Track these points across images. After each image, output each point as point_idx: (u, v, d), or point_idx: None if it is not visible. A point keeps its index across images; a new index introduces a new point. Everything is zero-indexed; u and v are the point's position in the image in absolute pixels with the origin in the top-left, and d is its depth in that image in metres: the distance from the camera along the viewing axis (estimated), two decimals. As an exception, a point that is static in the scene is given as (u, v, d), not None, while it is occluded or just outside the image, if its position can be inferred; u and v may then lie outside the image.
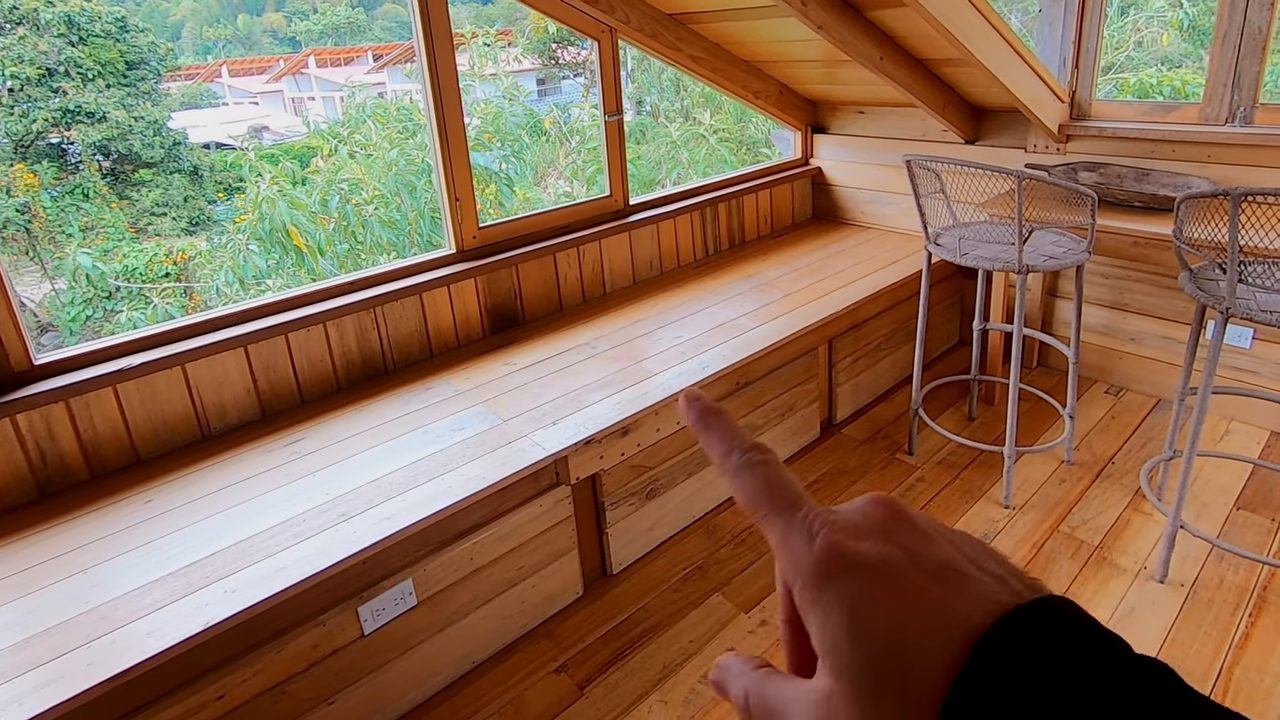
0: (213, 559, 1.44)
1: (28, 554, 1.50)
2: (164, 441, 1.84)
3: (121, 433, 1.78)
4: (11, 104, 9.50)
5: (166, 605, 1.33)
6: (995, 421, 2.52)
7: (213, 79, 18.97)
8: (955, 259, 2.05)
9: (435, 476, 1.65)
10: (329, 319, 2.05)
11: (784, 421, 2.34)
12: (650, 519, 1.99)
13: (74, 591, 1.38)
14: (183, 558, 1.45)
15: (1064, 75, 2.62)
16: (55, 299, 7.52)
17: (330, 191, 4.71)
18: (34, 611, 1.34)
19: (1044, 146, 2.67)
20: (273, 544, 1.47)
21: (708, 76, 3.02)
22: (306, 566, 1.40)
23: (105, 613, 1.33)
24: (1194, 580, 1.81)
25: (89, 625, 1.30)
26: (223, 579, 1.39)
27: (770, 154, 6.25)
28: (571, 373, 2.08)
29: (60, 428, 1.71)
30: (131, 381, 1.78)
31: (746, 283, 2.66)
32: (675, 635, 1.73)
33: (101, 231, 9.07)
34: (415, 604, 1.57)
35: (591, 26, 2.55)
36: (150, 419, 1.82)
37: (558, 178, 6.58)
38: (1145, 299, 2.58)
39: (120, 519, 1.59)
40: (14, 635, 1.29)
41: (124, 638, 1.27)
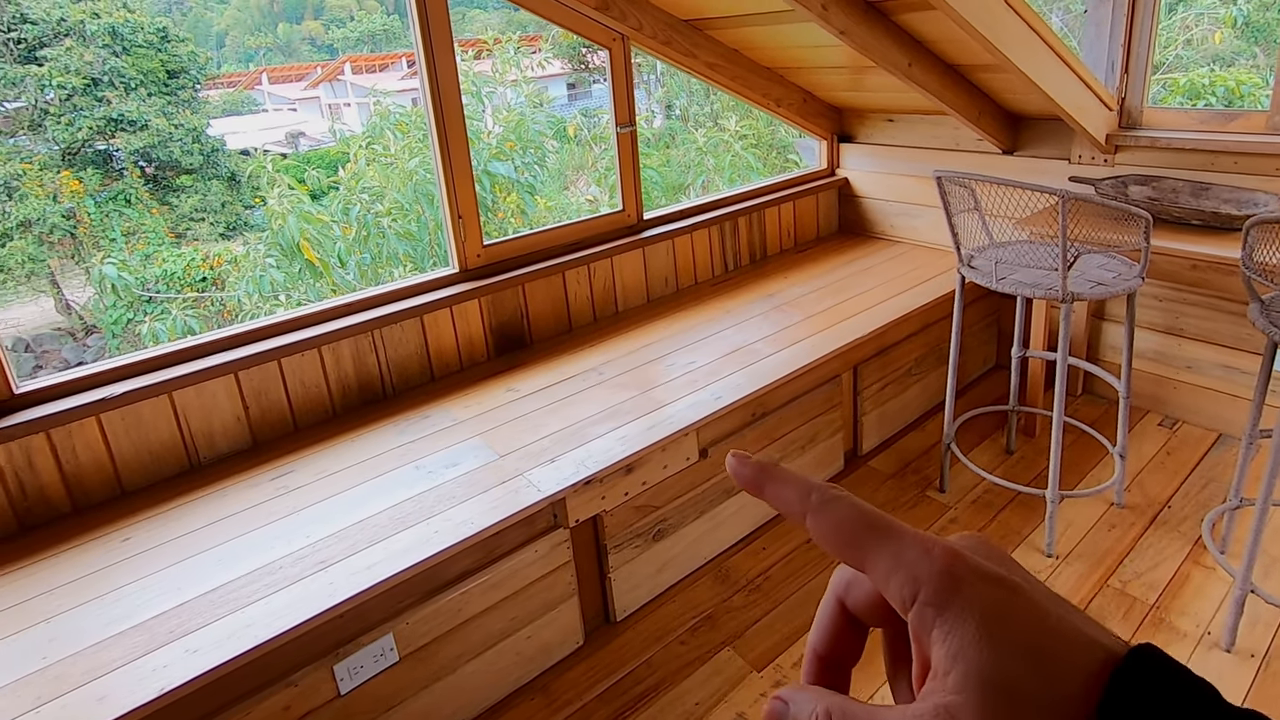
0: (179, 610, 1.34)
1: (-1, 596, 1.42)
2: (150, 472, 1.75)
3: (105, 463, 1.70)
4: (59, 113, 9.74)
5: (123, 665, 1.23)
6: (1036, 456, 2.31)
7: (253, 86, 19.34)
8: (991, 284, 1.86)
9: (422, 520, 1.53)
10: (324, 343, 1.95)
11: (805, 454, 2.17)
12: (657, 562, 1.84)
13: (34, 644, 1.29)
14: (150, 607, 1.35)
15: (1112, 81, 2.40)
16: (98, 302, 7.67)
17: (352, 200, 4.66)
18: (-8, 665, 1.25)
19: (1090, 158, 2.46)
20: (244, 594, 1.36)
21: (726, 84, 2.86)
22: (276, 623, 1.29)
23: (60, 672, 1.23)
24: (1266, 651, 1.60)
25: (41, 686, 1.20)
26: (186, 635, 1.28)
27: (800, 160, 6.05)
28: (576, 401, 1.94)
29: (40, 458, 1.62)
30: (116, 410, 1.69)
31: (766, 302, 2.50)
32: (679, 696, 1.58)
33: (142, 236, 9.24)
34: (397, 660, 1.44)
35: (603, 35, 2.41)
36: (136, 449, 1.73)
37: (587, 184, 6.47)
38: (1203, 324, 2.34)
39: (94, 559, 1.50)
40: (-37, 694, 1.20)
41: (75, 702, 1.17)
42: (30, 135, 9.62)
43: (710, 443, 1.91)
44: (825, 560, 1.93)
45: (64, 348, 7.90)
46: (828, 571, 1.89)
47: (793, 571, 1.90)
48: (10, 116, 9.61)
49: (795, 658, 1.62)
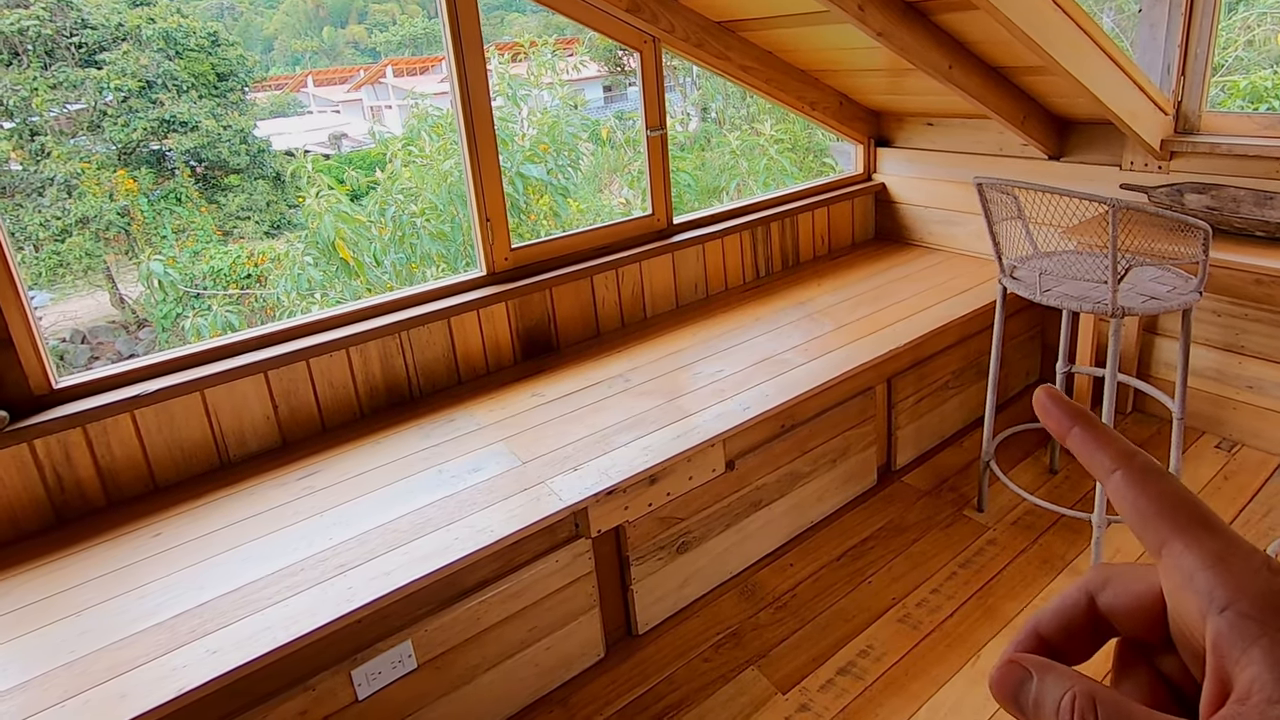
0: (202, 610, 1.34)
1: (33, 587, 1.44)
2: (182, 469, 1.77)
3: (139, 459, 1.72)
4: (116, 114, 10.09)
5: (144, 664, 1.23)
6: (1081, 477, 2.19)
7: (299, 89, 19.80)
8: (1035, 296, 1.77)
9: (442, 526, 1.51)
10: (353, 344, 1.95)
11: (835, 468, 2.10)
12: (681, 575, 1.80)
13: (63, 638, 1.30)
14: (174, 605, 1.35)
15: (1167, 84, 2.27)
16: (149, 297, 7.92)
17: (388, 201, 4.71)
18: (22, 657, 1.26)
19: (1143, 164, 2.33)
20: (264, 596, 1.36)
21: (760, 87, 2.80)
22: (294, 627, 1.28)
23: (85, 667, 1.24)
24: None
25: (67, 680, 1.21)
26: (206, 635, 1.28)
27: (836, 164, 5.94)
28: (601, 409, 1.91)
29: (78, 453, 1.65)
30: (149, 407, 1.71)
31: (798, 310, 2.43)
32: (702, 715, 1.53)
33: (192, 234, 9.52)
34: (415, 667, 1.42)
35: (633, 37, 2.37)
36: (168, 445, 1.75)
37: (621, 187, 6.45)
38: (1267, 341, 2.20)
39: (125, 554, 1.52)
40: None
41: (97, 699, 1.17)
42: (89, 135, 9.98)
43: (737, 454, 1.86)
44: (858, 579, 1.85)
45: (118, 340, 8.17)
46: (859, 591, 1.84)
47: (822, 589, 1.83)
48: (71, 117, 9.98)
49: (823, 680, 1.56)
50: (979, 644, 1.60)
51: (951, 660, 1.55)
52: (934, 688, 1.49)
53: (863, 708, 1.48)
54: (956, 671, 1.52)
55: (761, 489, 1.91)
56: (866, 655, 1.59)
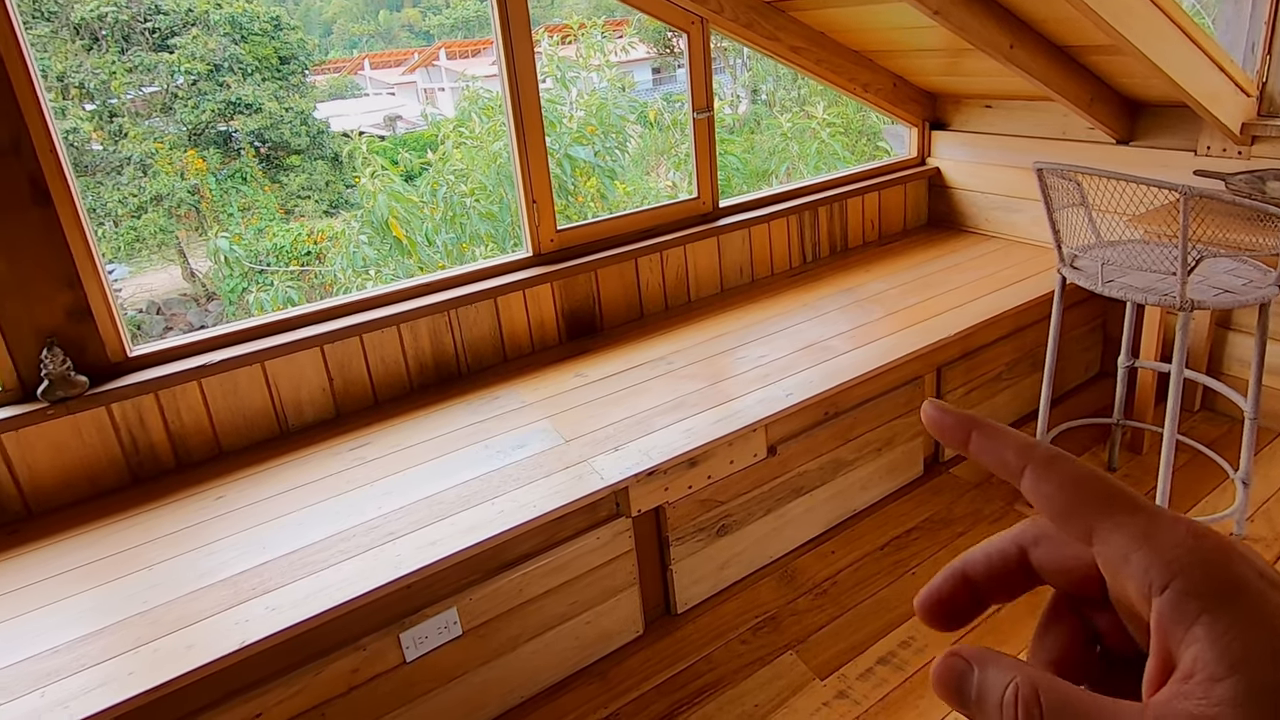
0: (262, 569, 1.39)
1: (110, 541, 1.52)
2: (244, 435, 1.84)
3: (205, 425, 1.79)
4: (186, 96, 10.44)
5: (210, 617, 1.28)
6: (1143, 475, 2.08)
7: (356, 71, 20.14)
8: (1096, 287, 1.68)
9: (487, 499, 1.53)
10: (403, 321, 1.98)
11: (880, 457, 2.05)
12: (721, 557, 1.79)
13: (136, 590, 1.37)
14: (237, 563, 1.41)
15: (1251, 64, 2.11)
16: (216, 272, 8.24)
17: (440, 181, 4.77)
18: (98, 606, 1.34)
19: (1220, 149, 2.18)
20: (319, 559, 1.40)
21: (811, 68, 2.71)
22: (347, 589, 1.32)
23: (157, 617, 1.30)
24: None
25: (140, 629, 1.27)
26: (267, 593, 1.33)
27: (889, 148, 5.74)
28: (643, 390, 1.90)
29: (150, 417, 1.73)
30: (215, 376, 1.78)
31: (846, 296, 2.37)
32: (739, 696, 1.53)
33: (256, 211, 9.83)
34: (460, 634, 1.46)
35: (680, 18, 2.32)
36: (232, 414, 1.81)
37: (668, 169, 6.39)
38: (1347, 337, 2.05)
39: (192, 514, 1.59)
40: (76, 629, 1.28)
41: (168, 646, 1.23)
42: (162, 117, 10.35)
43: (779, 440, 1.83)
44: (901, 569, 1.81)
45: (189, 312, 8.54)
46: (901, 582, 1.80)
47: (863, 578, 1.80)
48: (146, 100, 10.37)
49: (862, 669, 1.53)
50: (1025, 639, 1.54)
51: (994, 656, 1.51)
52: (975, 683, 1.45)
53: (903, 699, 1.45)
54: (1000, 668, 1.47)
55: (803, 475, 1.88)
56: (908, 646, 1.56)
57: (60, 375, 1.62)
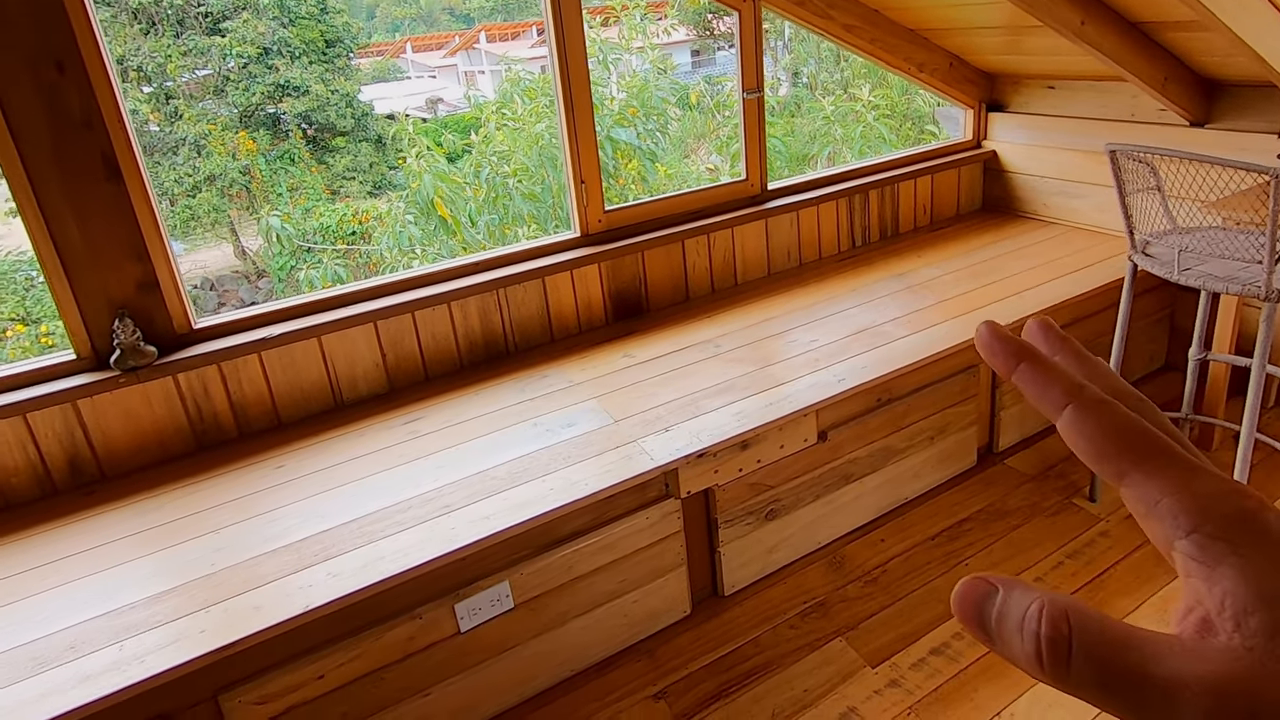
0: (322, 536, 1.41)
1: (177, 505, 1.55)
2: (302, 407, 1.86)
3: (265, 396, 1.82)
4: (237, 79, 10.63)
5: (275, 580, 1.31)
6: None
7: (399, 55, 20.24)
8: (1172, 275, 1.59)
9: (538, 477, 1.52)
10: (454, 299, 1.98)
11: (934, 445, 1.99)
12: (769, 541, 1.76)
13: (203, 552, 1.40)
14: (298, 530, 1.43)
15: (1348, 38, 1.96)
16: (267, 250, 8.43)
17: (483, 163, 4.76)
18: (169, 566, 1.37)
19: (1308, 131, 2.04)
20: (377, 529, 1.42)
21: (864, 47, 2.61)
22: (405, 559, 1.33)
23: (224, 579, 1.33)
24: None
25: (209, 590, 1.30)
26: (328, 560, 1.35)
27: (937, 132, 5.55)
28: (691, 373, 1.87)
29: (214, 388, 1.76)
30: (274, 350, 1.80)
31: (897, 282, 2.29)
32: (788, 680, 1.51)
33: (304, 192, 10.00)
34: (512, 607, 1.46)
35: (737, -6, 2.25)
36: (290, 386, 1.84)
37: (708, 152, 6.29)
38: None
39: (254, 481, 1.62)
40: (149, 588, 1.32)
41: (236, 607, 1.26)
42: (214, 99, 10.56)
43: (830, 425, 1.78)
44: (954, 560, 1.76)
45: (240, 288, 8.76)
46: (954, 572, 1.74)
47: (914, 568, 1.75)
48: (199, 82, 10.59)
49: (914, 658, 1.50)
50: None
51: (1054, 652, 1.45)
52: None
53: (957, 690, 1.42)
54: (1060, 664, 1.42)
55: (854, 462, 1.83)
56: (962, 638, 1.52)
57: (131, 345, 1.66)
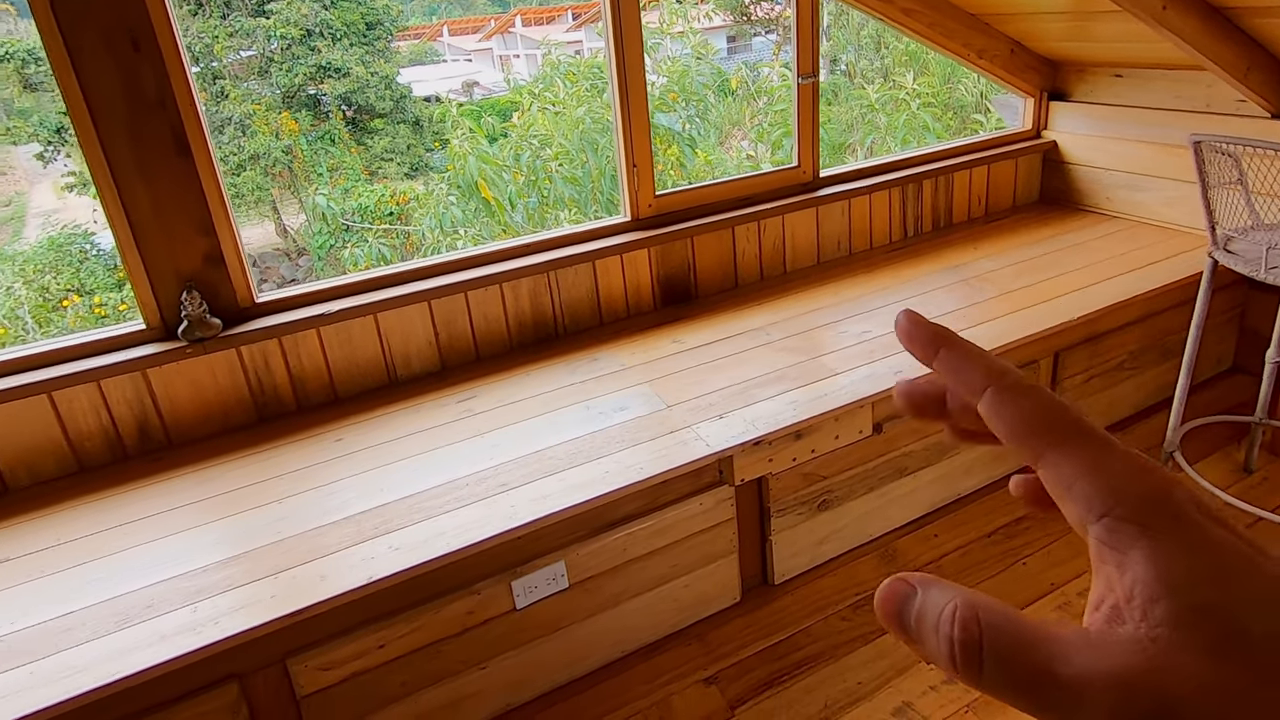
0: (382, 510, 1.43)
1: (241, 474, 1.58)
2: (358, 383, 1.88)
3: (323, 371, 1.84)
4: (281, 60, 10.75)
5: (338, 551, 1.33)
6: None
7: (435, 38, 20.28)
8: (1258, 274, 1.52)
9: (593, 459, 1.52)
10: (505, 280, 1.98)
11: (984, 442, 1.94)
12: (821, 532, 1.74)
13: (269, 520, 1.43)
14: (357, 504, 1.45)
15: None
16: (308, 228, 8.56)
17: (523, 146, 4.75)
18: (236, 533, 1.40)
19: (1403, 124, 1.93)
20: (436, 505, 1.43)
21: (922, 32, 2.53)
22: (464, 535, 1.34)
23: (289, 547, 1.35)
24: None
25: (276, 557, 1.33)
26: (389, 533, 1.36)
27: (984, 121, 5.39)
28: (743, 360, 1.85)
29: (275, 361, 1.79)
30: (331, 325, 1.82)
31: (952, 274, 2.23)
32: (841, 671, 1.49)
33: (343, 172, 10.12)
34: (566, 586, 1.47)
35: (803, -26, 2.19)
36: (346, 361, 1.86)
37: (742, 139, 6.20)
38: None
39: (314, 453, 1.64)
40: (217, 553, 1.35)
41: (302, 575, 1.28)
42: (259, 80, 10.70)
43: (885, 418, 1.75)
44: (1011, 558, 1.72)
45: (281, 265, 8.92)
46: (1012, 571, 1.70)
47: (970, 564, 1.72)
48: (244, 63, 10.73)
49: (970, 658, 1.47)
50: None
51: (1119, 656, 1.41)
52: (1098, 681, 1.36)
53: (1016, 690, 1.39)
54: (1125, 668, 1.38)
55: (908, 456, 1.80)
56: (1021, 638, 1.48)
57: (198, 317, 1.69)
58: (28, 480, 1.58)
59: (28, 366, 1.57)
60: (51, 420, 1.58)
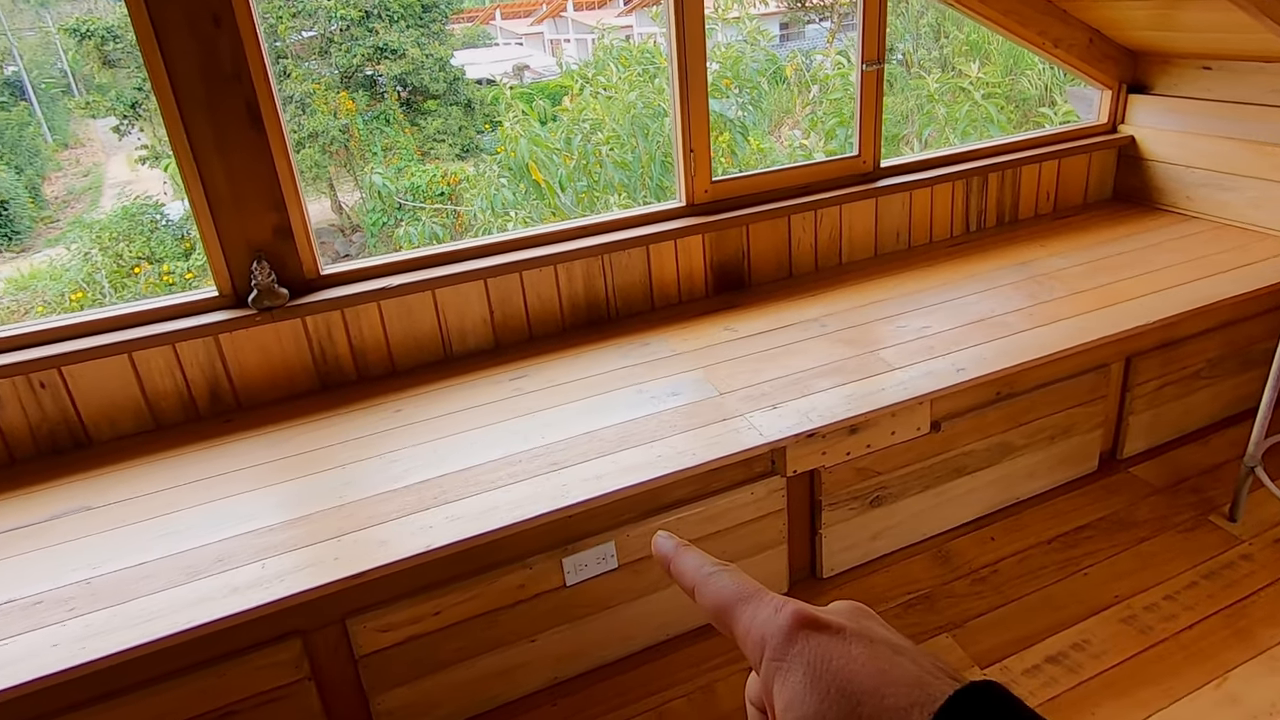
0: (440, 481, 1.44)
1: (305, 439, 1.62)
2: (414, 357, 1.91)
3: (382, 343, 1.87)
4: (340, 41, 10.94)
5: (398, 518, 1.35)
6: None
7: (488, 21, 20.36)
8: (1364, 279, 1.41)
9: (645, 443, 1.51)
10: (560, 261, 1.97)
11: (1053, 445, 1.86)
12: (873, 528, 1.70)
13: (332, 485, 1.46)
14: (416, 474, 1.47)
15: None
16: (362, 206, 8.74)
17: (574, 130, 4.74)
18: (301, 495, 1.43)
19: None
20: (491, 479, 1.44)
21: (997, 19, 2.41)
22: (519, 510, 1.35)
23: (351, 512, 1.38)
24: None
25: (339, 520, 1.35)
26: (446, 504, 1.38)
27: (1051, 115, 5.15)
28: (797, 351, 1.81)
29: (337, 332, 1.82)
30: (392, 300, 1.84)
31: (1018, 271, 2.14)
32: (883, 670, 1.46)
33: (397, 152, 10.28)
34: (616, 566, 1.47)
35: (878, -45, 2.10)
36: (405, 335, 1.88)
37: (793, 127, 6.07)
38: None
39: (375, 423, 1.67)
40: (284, 513, 1.38)
41: (364, 540, 1.30)
42: (319, 60, 10.92)
43: (944, 416, 1.69)
44: (1072, 567, 1.66)
45: (336, 241, 9.14)
46: (1074, 580, 1.63)
47: (1029, 570, 1.66)
48: (305, 44, 10.96)
49: (1029, 664, 1.42)
50: (1226, 666, 1.37)
51: (1190, 676, 1.35)
52: (1166, 700, 1.31)
53: (1076, 702, 1.34)
54: (1196, 689, 1.32)
55: (967, 455, 1.74)
56: (1082, 649, 1.42)
57: (267, 286, 1.72)
58: (109, 434, 1.65)
59: (112, 327, 1.63)
60: (131, 379, 1.64)
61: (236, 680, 1.23)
